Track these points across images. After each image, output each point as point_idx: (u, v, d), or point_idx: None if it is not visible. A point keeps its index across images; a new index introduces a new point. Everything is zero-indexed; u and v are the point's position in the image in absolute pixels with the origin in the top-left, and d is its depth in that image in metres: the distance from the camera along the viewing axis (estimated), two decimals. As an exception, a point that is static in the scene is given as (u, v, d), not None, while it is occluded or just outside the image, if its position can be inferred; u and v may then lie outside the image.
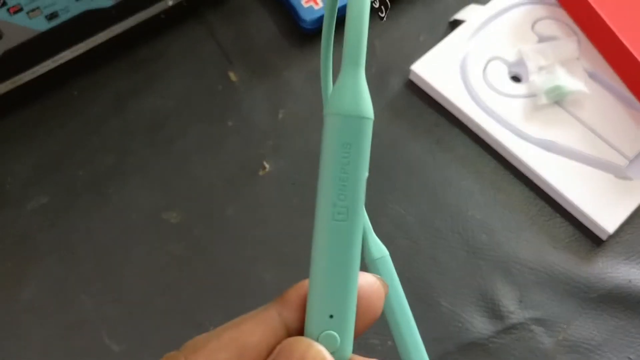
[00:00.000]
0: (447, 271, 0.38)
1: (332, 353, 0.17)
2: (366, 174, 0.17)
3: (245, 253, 0.38)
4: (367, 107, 0.17)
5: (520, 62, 0.42)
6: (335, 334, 0.17)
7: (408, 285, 0.37)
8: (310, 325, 0.17)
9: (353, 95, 0.17)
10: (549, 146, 0.40)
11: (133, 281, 0.38)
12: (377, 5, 0.19)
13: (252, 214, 0.39)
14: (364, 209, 0.17)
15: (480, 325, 0.36)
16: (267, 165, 0.41)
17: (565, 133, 0.40)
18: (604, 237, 0.38)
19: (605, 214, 0.38)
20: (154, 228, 0.39)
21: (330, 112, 0.17)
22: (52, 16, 0.39)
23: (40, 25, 0.39)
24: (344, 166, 0.17)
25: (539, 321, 0.37)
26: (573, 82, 0.40)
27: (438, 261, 0.38)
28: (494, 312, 0.37)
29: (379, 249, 0.20)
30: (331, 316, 0.17)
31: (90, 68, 0.43)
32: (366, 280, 0.18)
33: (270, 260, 0.38)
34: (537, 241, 0.39)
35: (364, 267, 0.19)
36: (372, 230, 0.20)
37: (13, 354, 0.36)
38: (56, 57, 0.41)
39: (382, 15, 0.19)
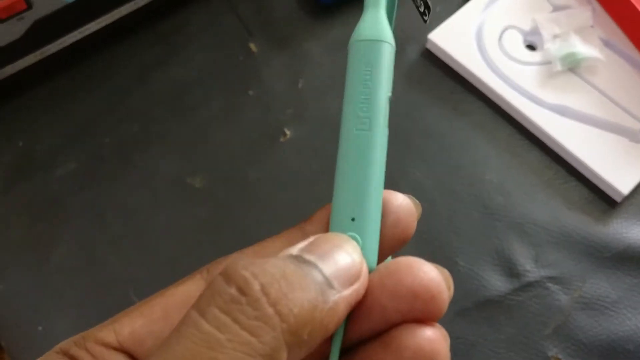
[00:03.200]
0: (464, 232, 0.39)
1: None
2: (389, 94, 0.18)
3: (267, 216, 0.39)
4: (387, 33, 0.19)
5: (535, 31, 0.43)
6: (357, 235, 0.18)
7: (426, 246, 0.38)
8: (333, 227, 0.18)
9: (373, 24, 0.19)
10: (563, 111, 0.41)
11: (159, 243, 0.39)
12: (422, 9, 0.21)
13: (274, 179, 0.40)
14: (387, 124, 0.19)
15: (497, 283, 0.37)
16: (287, 132, 0.42)
17: (580, 99, 0.41)
18: (618, 199, 0.39)
19: (620, 176, 0.39)
20: (179, 192, 0.40)
21: (353, 40, 0.19)
22: (79, -13, 0.40)
23: (68, -4, 0.40)
24: (366, 82, 0.18)
25: (554, 279, 0.37)
26: (587, 50, 0.41)
27: (455, 222, 0.39)
28: (511, 270, 0.38)
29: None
30: (353, 219, 0.18)
31: (115, 40, 0.44)
32: (396, 197, 0.19)
33: (292, 222, 0.39)
34: (553, 203, 0.40)
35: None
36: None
37: (46, 312, 0.37)
38: (82, 29, 0.42)
39: (426, 18, 0.21)
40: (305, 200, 0.40)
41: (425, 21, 0.22)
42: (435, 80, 0.43)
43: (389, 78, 0.18)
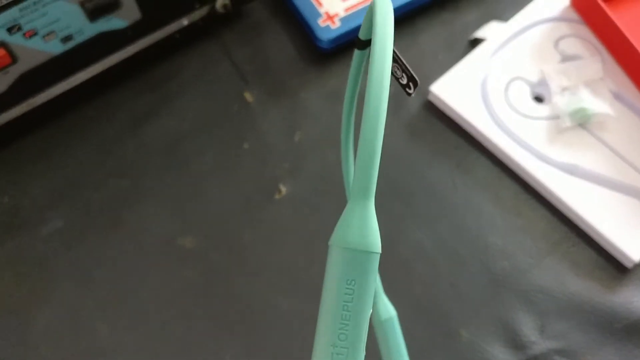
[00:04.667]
0: (467, 299, 0.37)
1: None
2: (369, 311, 0.16)
3: (262, 279, 0.38)
4: (375, 241, 0.16)
5: (543, 83, 0.41)
6: None
7: (427, 314, 0.36)
8: None
9: (360, 228, 0.16)
10: (572, 170, 0.39)
11: (148, 307, 0.37)
12: (404, 81, 0.18)
13: (269, 239, 0.39)
14: (364, 349, 0.16)
15: (501, 355, 0.36)
16: (283, 189, 0.40)
17: (590, 156, 0.39)
18: (629, 265, 0.37)
19: (631, 241, 0.37)
20: (170, 253, 0.38)
21: (335, 244, 0.16)
22: (66, 39, 0.38)
23: (55, 48, 0.38)
24: (346, 303, 0.16)
25: (561, 352, 0.36)
26: (598, 104, 0.39)
27: (458, 288, 0.37)
28: (515, 341, 0.36)
29: (387, 310, 0.19)
30: None
31: (105, 89, 0.43)
32: None
33: (287, 286, 0.37)
34: (559, 268, 0.38)
35: (371, 328, 0.18)
36: (383, 291, 0.20)
37: (29, 380, 0.36)
38: (71, 79, 0.40)
39: (410, 91, 0.18)
40: (301, 263, 0.38)
41: (409, 94, 0.19)
42: (437, 134, 0.41)
43: (372, 294, 0.16)
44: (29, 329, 0.37)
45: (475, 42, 0.43)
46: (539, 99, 0.41)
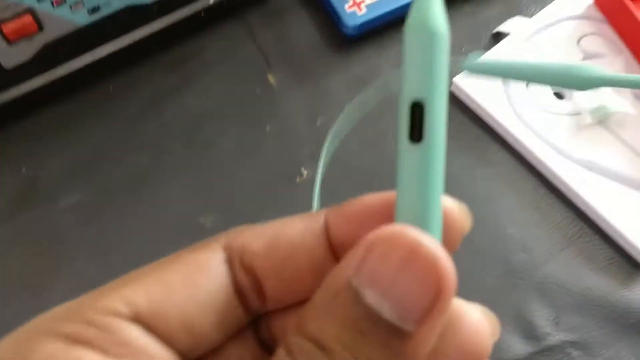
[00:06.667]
0: (483, 288, 0.37)
1: None
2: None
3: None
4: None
5: (565, 79, 0.41)
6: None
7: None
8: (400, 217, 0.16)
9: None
10: (591, 166, 0.39)
11: (166, 285, 0.37)
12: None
13: (288, 222, 0.39)
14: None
15: (516, 345, 0.36)
16: (304, 172, 0.40)
17: (609, 154, 0.40)
18: (643, 262, 0.38)
19: (646, 239, 0.38)
20: (189, 232, 0.38)
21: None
22: (94, 10, 0.38)
23: (82, 18, 0.38)
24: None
25: (576, 344, 0.36)
26: (618, 102, 0.40)
27: (475, 278, 0.38)
28: (530, 332, 0.36)
29: None
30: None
31: (128, 64, 0.42)
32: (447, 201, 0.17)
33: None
34: (575, 263, 0.38)
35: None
36: None
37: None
38: (94, 52, 0.40)
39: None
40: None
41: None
42: (459, 126, 0.41)
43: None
44: (45, 302, 0.36)
45: (498, 36, 0.43)
46: (559, 95, 0.42)
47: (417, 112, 0.15)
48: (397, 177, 0.16)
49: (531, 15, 0.44)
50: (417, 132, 0.15)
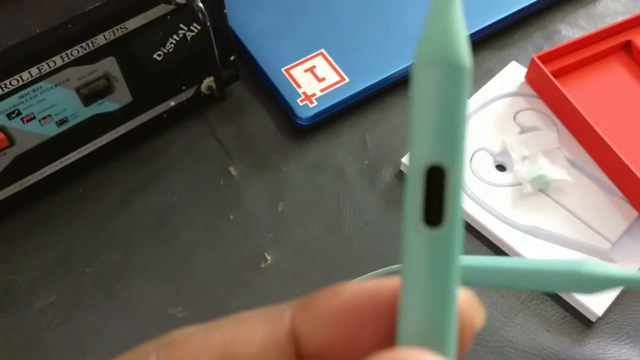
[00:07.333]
0: None
1: None
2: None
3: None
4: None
5: (505, 152, 0.45)
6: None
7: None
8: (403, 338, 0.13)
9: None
10: (536, 232, 0.42)
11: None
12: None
13: (256, 306, 0.41)
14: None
15: (480, 411, 0.38)
16: (268, 257, 0.42)
17: (550, 219, 0.42)
18: (593, 319, 0.40)
19: (594, 297, 0.40)
20: (161, 323, 0.40)
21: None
22: (62, 122, 0.41)
23: (51, 130, 0.41)
24: None
25: (537, 405, 0.38)
26: (555, 171, 0.43)
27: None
28: (493, 397, 0.38)
29: None
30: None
31: (96, 167, 0.45)
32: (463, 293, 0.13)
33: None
34: (530, 325, 0.40)
35: None
36: None
37: None
38: (64, 159, 0.43)
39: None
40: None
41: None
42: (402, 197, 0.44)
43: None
44: (22, 404, 0.38)
45: (442, 116, 0.47)
46: (501, 167, 0.45)
47: (436, 181, 0.12)
48: (404, 275, 0.12)
49: (470, 96, 0.48)
50: (435, 210, 0.12)
